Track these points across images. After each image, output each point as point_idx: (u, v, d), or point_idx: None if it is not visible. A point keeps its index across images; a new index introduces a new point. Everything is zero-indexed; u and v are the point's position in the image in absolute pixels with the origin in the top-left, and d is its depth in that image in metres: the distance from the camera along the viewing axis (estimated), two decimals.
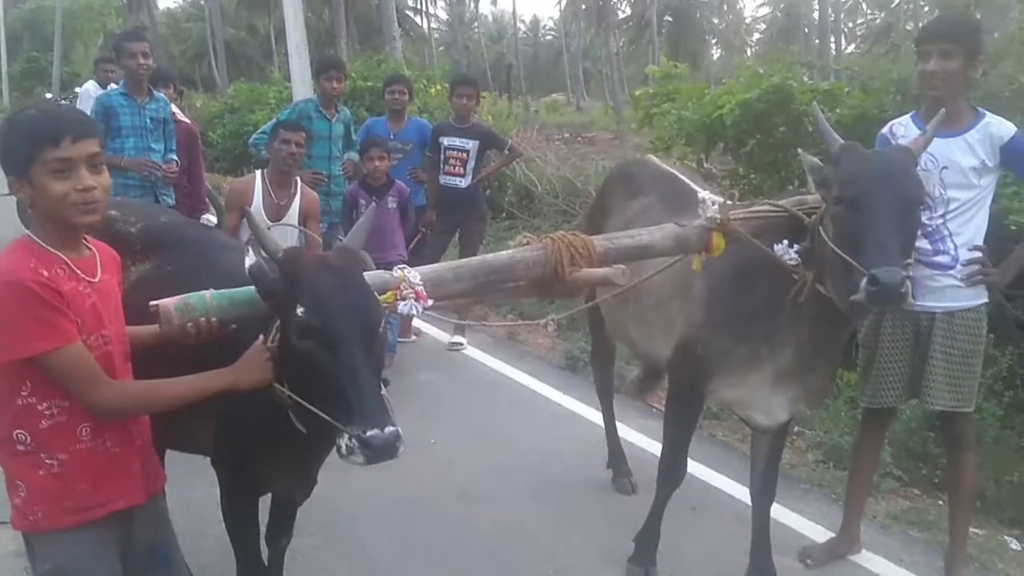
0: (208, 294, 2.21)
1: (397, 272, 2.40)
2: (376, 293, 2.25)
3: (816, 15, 35.43)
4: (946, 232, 3.17)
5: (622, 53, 44.46)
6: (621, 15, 52.49)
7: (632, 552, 3.46)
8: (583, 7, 50.12)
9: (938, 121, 2.80)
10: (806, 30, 43.56)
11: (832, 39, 33.90)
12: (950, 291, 3.18)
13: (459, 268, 2.56)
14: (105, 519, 2.01)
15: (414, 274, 2.40)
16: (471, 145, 6.13)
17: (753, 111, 6.45)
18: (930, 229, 3.17)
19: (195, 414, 2.20)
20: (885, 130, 3.38)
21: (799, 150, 2.96)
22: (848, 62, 9.87)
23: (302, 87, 11.48)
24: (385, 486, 4.15)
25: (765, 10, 52.86)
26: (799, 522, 3.96)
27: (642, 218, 3.39)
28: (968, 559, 3.50)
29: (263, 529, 2.81)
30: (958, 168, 3.12)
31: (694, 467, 4.43)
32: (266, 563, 2.82)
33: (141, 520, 2.15)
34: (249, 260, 2.12)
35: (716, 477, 4.32)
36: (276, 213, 4.94)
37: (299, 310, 2.00)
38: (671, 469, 3.36)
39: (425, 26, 45.53)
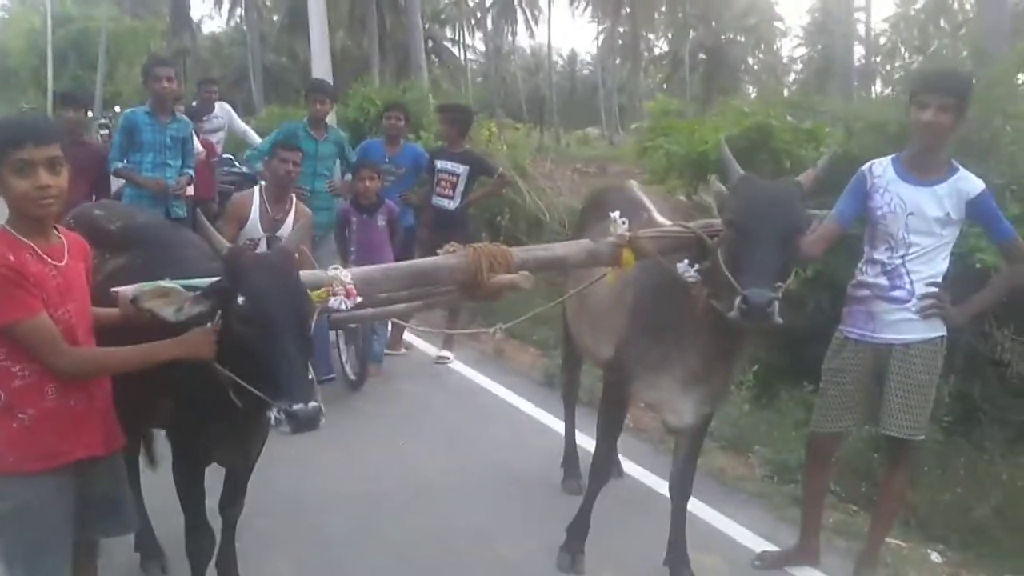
0: (165, 283, 2.58)
1: (331, 271, 2.77)
2: (310, 289, 2.63)
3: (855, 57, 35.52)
4: (904, 271, 3.36)
5: (656, 89, 44.90)
6: (658, 51, 53.10)
7: (564, 541, 3.75)
8: (620, 43, 50.74)
9: (824, 164, 3.10)
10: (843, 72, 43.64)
11: (868, 81, 34.02)
12: (906, 324, 3.37)
13: (389, 270, 2.93)
14: (65, 467, 2.35)
15: (345, 273, 2.76)
16: (462, 170, 6.52)
17: (736, 148, 6.74)
18: (890, 268, 3.38)
19: (155, 393, 2.63)
20: (865, 167, 3.51)
21: (710, 176, 3.26)
22: (852, 106, 10.12)
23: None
24: (351, 480, 4.52)
25: (802, 50, 53.02)
26: (733, 528, 4.22)
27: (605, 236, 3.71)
28: (876, 566, 3.72)
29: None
30: (923, 216, 3.29)
31: (639, 472, 4.77)
32: (218, 533, 3.16)
33: (100, 472, 2.48)
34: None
35: (660, 483, 4.59)
36: (271, 226, 5.34)
37: (240, 299, 2.36)
38: (601, 462, 3.68)
39: (462, 56, 46.29)
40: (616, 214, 3.08)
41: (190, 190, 6.55)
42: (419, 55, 18.26)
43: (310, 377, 2.41)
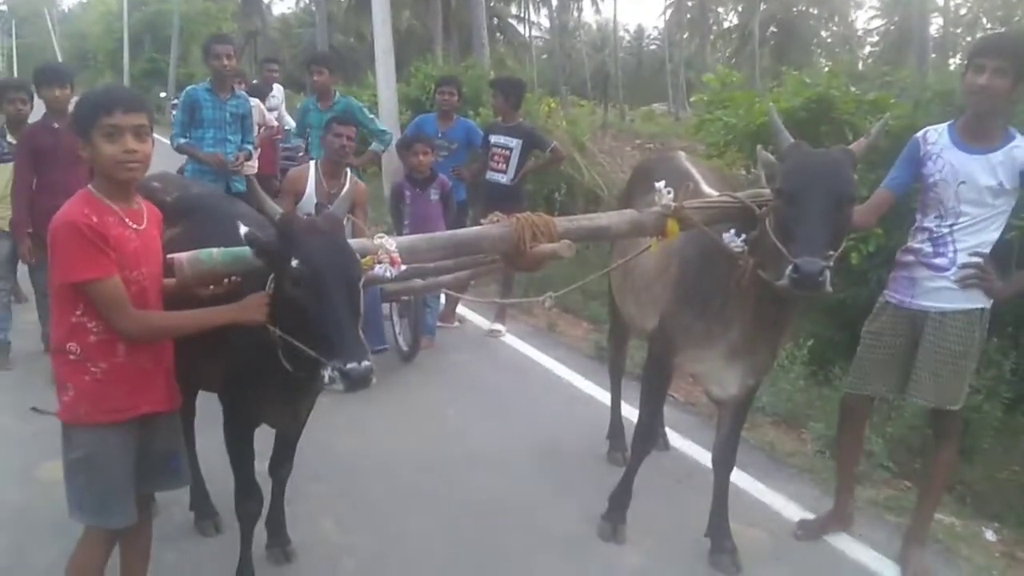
0: (215, 251, 2.68)
1: (376, 240, 2.82)
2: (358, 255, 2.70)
3: (932, 29, 34.31)
4: (950, 239, 3.31)
5: (725, 64, 44.06)
6: (727, 25, 52.04)
7: (605, 510, 3.78)
8: (688, 17, 49.92)
9: (877, 131, 3.01)
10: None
11: (947, 53, 32.80)
12: (944, 292, 3.33)
13: (432, 239, 2.97)
14: (131, 421, 2.49)
15: (390, 242, 2.80)
16: (515, 143, 6.54)
17: (796, 119, 6.62)
18: (936, 236, 3.34)
19: (208, 356, 2.72)
20: (919, 134, 3.45)
21: (758, 147, 3.22)
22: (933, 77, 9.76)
23: (387, 90, 12.10)
24: (399, 448, 4.62)
25: (878, 22, 51.35)
26: (779, 501, 4.21)
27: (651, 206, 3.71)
28: (925, 541, 3.66)
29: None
30: (975, 185, 3.23)
31: (685, 445, 4.76)
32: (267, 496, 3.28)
33: (161, 428, 2.62)
34: (243, 229, 2.58)
35: (706, 457, 4.57)
36: (327, 200, 5.42)
37: (293, 262, 2.44)
38: (644, 432, 3.70)
39: (527, 33, 46.07)
40: (661, 184, 3.06)
41: (253, 166, 6.74)
42: (481, 33, 18.25)
43: (360, 338, 2.46)
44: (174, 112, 14.56)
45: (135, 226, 2.46)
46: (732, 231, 3.06)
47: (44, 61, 6.53)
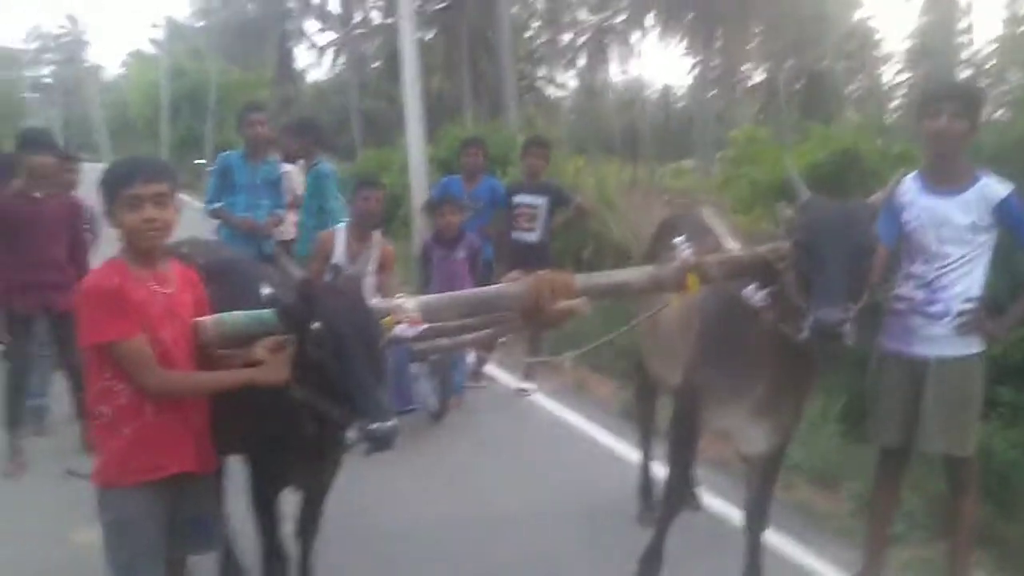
0: (239, 314, 2.72)
1: (395, 300, 2.85)
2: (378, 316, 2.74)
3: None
4: (941, 284, 3.34)
5: (752, 119, 44.23)
6: (753, 82, 52.35)
7: (635, 573, 3.70)
8: (715, 74, 50.29)
9: (894, 186, 3.06)
10: None
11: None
12: (943, 340, 3.35)
13: (453, 298, 3.00)
14: (159, 482, 2.52)
15: (409, 301, 2.84)
16: (541, 201, 6.61)
17: (822, 173, 6.63)
18: (926, 281, 3.37)
19: (236, 419, 2.73)
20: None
21: (778, 204, 3.22)
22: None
23: (417, 152, 12.31)
24: (424, 508, 4.59)
25: (905, 75, 51.34)
26: (817, 564, 4.11)
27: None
28: None
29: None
30: (953, 226, 3.31)
31: (718, 505, 4.66)
32: (295, 559, 3.26)
33: (191, 492, 2.65)
34: (265, 291, 2.62)
35: (738, 514, 4.47)
36: (355, 261, 5.51)
37: (315, 324, 2.47)
38: (672, 492, 3.65)
39: (555, 94, 46.72)
40: (681, 238, 3.07)
41: (290, 230, 6.86)
42: (507, 95, 18.58)
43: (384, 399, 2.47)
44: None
45: (162, 289, 2.52)
46: (753, 286, 3.04)
47: (31, 129, 6.22)
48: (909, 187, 3.45)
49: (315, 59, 48.69)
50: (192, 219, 2.45)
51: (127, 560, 2.52)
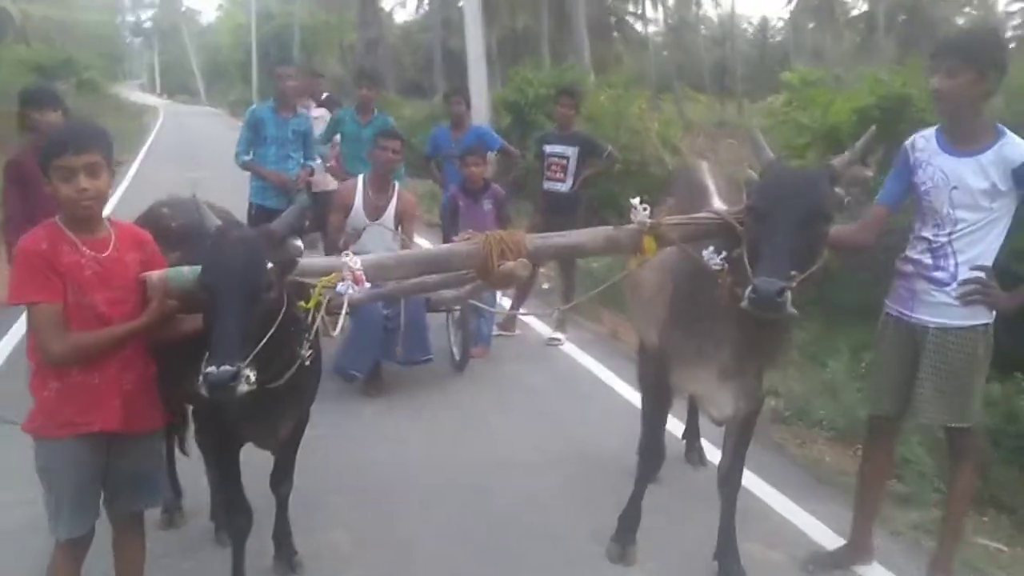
0: (184, 268, 2.77)
1: (342, 258, 2.89)
2: (322, 275, 2.80)
3: None
4: (950, 250, 3.15)
5: (849, 55, 42.19)
6: (855, 13, 49.74)
7: (614, 531, 3.72)
8: (815, 4, 47.96)
9: (863, 144, 2.85)
10: None
11: None
12: (945, 308, 3.17)
13: (401, 257, 3.03)
14: (84, 437, 2.60)
15: (355, 260, 2.86)
16: (571, 152, 6.53)
17: (870, 118, 6.32)
18: (935, 246, 3.18)
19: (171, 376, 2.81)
20: (908, 142, 3.31)
21: (746, 165, 3.10)
22: None
23: (480, 97, 12.26)
24: (429, 455, 4.69)
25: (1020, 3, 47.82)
26: (810, 523, 4.05)
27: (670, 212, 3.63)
28: (950, 571, 3.43)
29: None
30: (968, 189, 3.08)
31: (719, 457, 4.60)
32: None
33: (129, 448, 2.73)
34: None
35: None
36: (375, 213, 5.59)
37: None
38: (647, 451, 3.65)
39: (644, 30, 45.42)
40: (636, 200, 2.99)
41: (330, 180, 7.00)
42: (580, 36, 18.21)
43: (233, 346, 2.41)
44: None
45: (95, 253, 2.58)
46: (711, 248, 2.96)
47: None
48: (927, 145, 3.22)
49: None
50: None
51: (55, 506, 2.65)
